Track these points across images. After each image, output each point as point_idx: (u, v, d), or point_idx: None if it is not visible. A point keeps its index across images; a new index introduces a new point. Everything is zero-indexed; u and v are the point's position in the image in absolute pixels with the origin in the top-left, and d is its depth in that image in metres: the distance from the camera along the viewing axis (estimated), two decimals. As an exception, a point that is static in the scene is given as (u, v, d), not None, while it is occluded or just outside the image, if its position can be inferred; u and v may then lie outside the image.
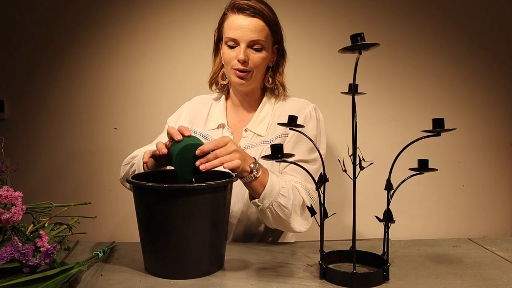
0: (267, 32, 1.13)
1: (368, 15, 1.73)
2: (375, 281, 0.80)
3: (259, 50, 1.13)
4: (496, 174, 1.80)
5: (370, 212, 0.98)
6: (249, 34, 1.10)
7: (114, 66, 1.74)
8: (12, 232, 0.80)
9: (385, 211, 0.81)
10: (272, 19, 1.15)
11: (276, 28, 1.17)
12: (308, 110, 1.19)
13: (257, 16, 1.11)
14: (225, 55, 1.15)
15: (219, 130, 1.22)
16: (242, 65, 1.12)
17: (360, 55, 0.74)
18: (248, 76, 1.14)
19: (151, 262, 0.86)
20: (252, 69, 1.13)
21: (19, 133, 1.74)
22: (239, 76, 1.13)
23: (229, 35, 1.12)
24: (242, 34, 1.10)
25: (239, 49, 1.12)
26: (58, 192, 1.75)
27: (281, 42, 1.21)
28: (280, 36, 1.20)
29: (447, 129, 0.76)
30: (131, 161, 1.15)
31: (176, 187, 0.82)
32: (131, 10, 1.72)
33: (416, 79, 1.76)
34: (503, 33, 1.77)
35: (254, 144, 1.18)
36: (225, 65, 1.18)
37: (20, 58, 1.73)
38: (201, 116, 1.26)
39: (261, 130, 1.19)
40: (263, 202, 1.00)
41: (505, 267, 0.90)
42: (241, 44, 1.11)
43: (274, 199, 1.00)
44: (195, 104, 1.29)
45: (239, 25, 1.11)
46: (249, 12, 1.11)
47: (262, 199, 0.99)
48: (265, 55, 1.15)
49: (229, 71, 1.16)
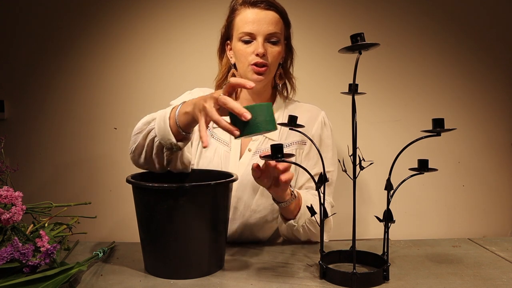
0: (281, 25, 1.12)
1: (368, 15, 1.73)
2: (375, 281, 0.80)
3: (276, 43, 1.10)
4: (496, 174, 1.80)
5: (370, 212, 0.98)
6: (267, 27, 1.08)
7: (114, 66, 1.74)
8: (12, 232, 0.80)
9: (385, 211, 0.81)
10: (285, 12, 1.14)
11: (288, 22, 1.16)
12: (321, 116, 1.19)
13: (272, 8, 1.09)
14: (240, 51, 1.11)
15: None
16: (262, 59, 1.08)
17: (360, 55, 0.74)
18: (266, 72, 1.10)
19: (151, 262, 0.86)
20: (269, 64, 1.10)
21: (19, 133, 1.74)
22: (257, 72, 1.09)
23: (245, 30, 1.08)
24: (259, 27, 1.07)
25: (256, 44, 1.08)
26: (58, 192, 1.75)
27: (290, 38, 1.20)
28: (289, 31, 1.18)
29: (447, 129, 0.76)
30: (145, 127, 0.91)
31: (176, 187, 0.81)
32: (131, 10, 1.72)
33: (416, 79, 1.76)
34: (503, 33, 1.76)
35: (266, 148, 1.15)
36: (240, 63, 1.13)
37: (20, 58, 1.73)
38: None
39: (273, 134, 1.16)
40: (299, 222, 1.03)
41: (505, 267, 0.90)
42: (258, 37, 1.08)
43: (307, 217, 1.03)
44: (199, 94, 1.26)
45: (254, 18, 1.08)
46: (263, 5, 1.09)
47: (298, 219, 1.03)
48: (281, 49, 1.13)
49: (246, 68, 1.10)
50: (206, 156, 1.15)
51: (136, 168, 1.18)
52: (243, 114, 0.73)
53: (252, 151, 1.14)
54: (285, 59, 1.20)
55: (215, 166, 1.13)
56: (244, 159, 1.14)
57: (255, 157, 1.13)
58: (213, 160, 1.14)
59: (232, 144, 1.15)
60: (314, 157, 1.16)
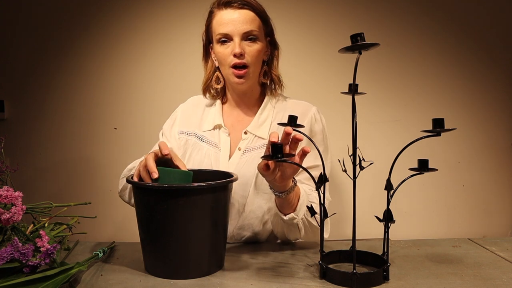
0: (258, 22, 1.11)
1: (368, 15, 1.73)
2: (375, 281, 0.80)
3: (254, 40, 1.09)
4: (496, 174, 1.80)
5: (370, 212, 0.98)
6: (241, 26, 1.07)
7: (114, 66, 1.74)
8: (12, 232, 0.80)
9: (385, 211, 0.81)
10: (261, 9, 1.13)
11: (266, 18, 1.14)
12: (312, 112, 1.17)
13: (246, 7, 1.09)
14: (219, 54, 1.11)
15: (215, 131, 1.18)
16: (239, 59, 1.08)
17: (360, 55, 0.74)
18: (247, 74, 1.10)
19: (151, 262, 0.86)
20: (249, 64, 1.09)
21: (19, 133, 1.74)
22: (237, 75, 1.10)
23: (221, 31, 1.08)
24: (233, 28, 1.07)
25: (233, 44, 1.08)
26: (58, 192, 1.75)
27: (273, 34, 1.18)
28: (271, 27, 1.17)
29: (447, 129, 0.76)
30: (127, 174, 1.09)
31: (176, 187, 0.82)
32: (131, 10, 1.72)
33: (416, 79, 1.76)
34: (503, 33, 1.77)
35: (256, 147, 1.14)
36: (221, 66, 1.14)
37: (20, 58, 1.73)
38: (196, 116, 1.22)
39: (262, 132, 1.15)
40: (299, 214, 0.98)
41: (505, 267, 0.90)
42: (235, 38, 1.08)
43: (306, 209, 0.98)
44: (190, 106, 1.26)
45: (229, 19, 1.08)
46: (236, 4, 1.08)
47: (298, 211, 0.98)
48: (260, 47, 1.11)
49: (227, 71, 1.11)
50: (196, 159, 1.15)
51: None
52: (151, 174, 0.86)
53: (242, 150, 1.14)
54: (270, 56, 1.19)
55: (205, 167, 1.12)
56: (234, 158, 1.14)
57: (244, 156, 1.13)
58: (203, 162, 1.14)
59: (221, 145, 1.16)
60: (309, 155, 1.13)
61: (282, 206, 0.99)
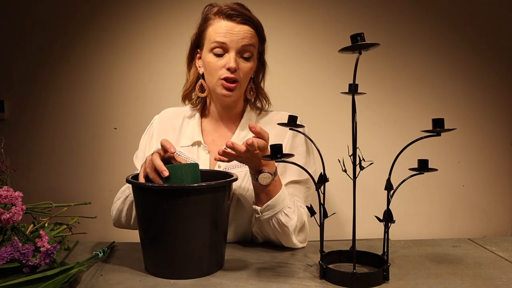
0: (256, 40, 1.09)
1: (368, 15, 1.73)
2: (375, 281, 0.80)
3: (248, 59, 1.07)
4: (496, 174, 1.80)
5: (370, 212, 0.98)
6: (240, 41, 1.04)
7: (114, 66, 1.74)
8: (12, 232, 0.80)
9: (385, 211, 0.81)
10: (261, 27, 1.11)
11: (263, 37, 1.13)
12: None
13: (248, 23, 1.06)
14: (210, 64, 1.07)
15: (194, 148, 1.13)
16: (232, 74, 1.04)
17: (360, 55, 0.74)
18: (236, 87, 1.07)
19: (151, 262, 0.86)
20: (240, 80, 1.07)
21: (19, 133, 1.74)
22: (227, 87, 1.06)
23: (217, 39, 1.04)
24: (232, 39, 1.04)
25: (228, 57, 1.05)
26: (58, 192, 1.75)
27: (264, 52, 1.17)
28: (264, 46, 1.16)
29: (447, 129, 0.76)
30: (121, 196, 1.06)
31: (176, 187, 0.82)
32: (131, 10, 1.72)
33: (416, 79, 1.76)
34: (504, 33, 1.76)
35: (237, 164, 1.07)
36: (209, 76, 1.09)
37: (20, 58, 1.73)
38: (172, 131, 1.17)
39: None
40: (263, 213, 0.97)
41: (505, 267, 0.90)
42: (231, 51, 1.05)
43: (275, 215, 0.96)
44: (165, 119, 1.21)
45: (228, 30, 1.04)
46: (239, 19, 1.05)
47: (264, 209, 0.96)
48: (253, 65, 1.10)
49: (215, 82, 1.07)
50: None
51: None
52: (162, 172, 0.86)
53: (221, 168, 1.09)
54: (256, 73, 1.17)
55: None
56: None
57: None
58: None
59: (200, 162, 1.10)
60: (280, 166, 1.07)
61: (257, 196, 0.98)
